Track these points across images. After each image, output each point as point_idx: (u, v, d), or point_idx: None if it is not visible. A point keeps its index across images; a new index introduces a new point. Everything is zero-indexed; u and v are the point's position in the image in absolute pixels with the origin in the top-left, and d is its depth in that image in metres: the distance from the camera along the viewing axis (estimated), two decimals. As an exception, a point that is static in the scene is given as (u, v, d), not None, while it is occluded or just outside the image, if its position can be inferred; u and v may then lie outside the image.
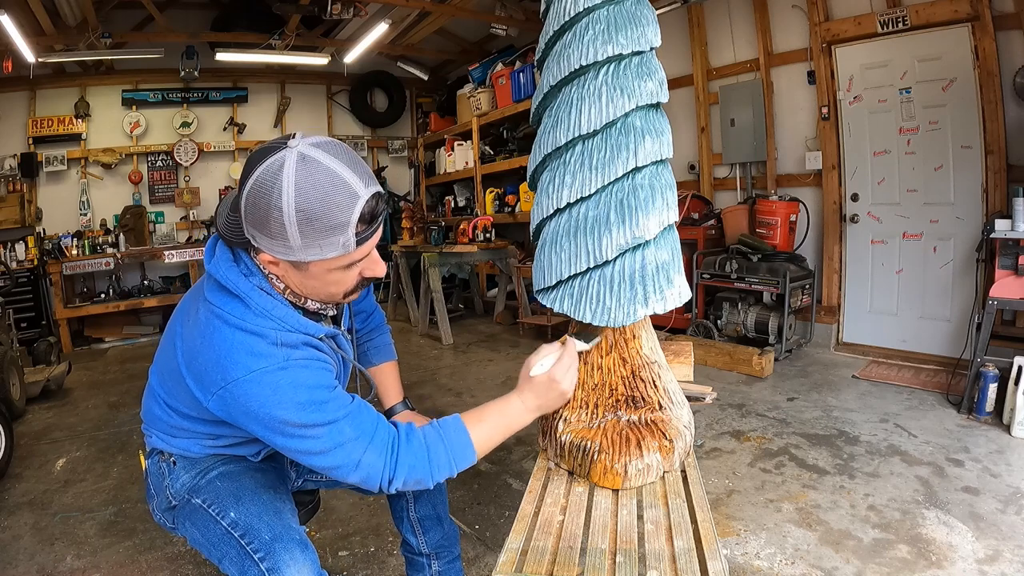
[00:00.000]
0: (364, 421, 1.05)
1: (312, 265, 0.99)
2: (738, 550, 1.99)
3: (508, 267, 5.59)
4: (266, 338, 1.01)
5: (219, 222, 1.06)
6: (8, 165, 5.89)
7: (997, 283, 3.00)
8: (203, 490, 1.19)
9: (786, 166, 4.60)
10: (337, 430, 1.01)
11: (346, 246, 0.95)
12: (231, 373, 0.98)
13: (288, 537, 1.09)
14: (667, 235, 1.42)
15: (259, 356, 0.99)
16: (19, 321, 4.85)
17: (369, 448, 1.03)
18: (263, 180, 0.91)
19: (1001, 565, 1.82)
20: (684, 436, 1.42)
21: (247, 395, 0.98)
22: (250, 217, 0.94)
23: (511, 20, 5.74)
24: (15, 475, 2.84)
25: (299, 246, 0.93)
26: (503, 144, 6.16)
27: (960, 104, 3.63)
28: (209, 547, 1.14)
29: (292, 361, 1.01)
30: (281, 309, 1.04)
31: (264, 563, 1.05)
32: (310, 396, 0.99)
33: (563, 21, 1.44)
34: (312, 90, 7.41)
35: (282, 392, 0.98)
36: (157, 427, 1.25)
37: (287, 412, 0.98)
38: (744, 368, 3.84)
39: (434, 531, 1.52)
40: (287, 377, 0.99)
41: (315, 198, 0.90)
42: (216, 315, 1.02)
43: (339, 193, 0.91)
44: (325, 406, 1.01)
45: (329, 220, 0.91)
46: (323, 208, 0.90)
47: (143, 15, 5.78)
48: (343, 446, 1.01)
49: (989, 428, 2.83)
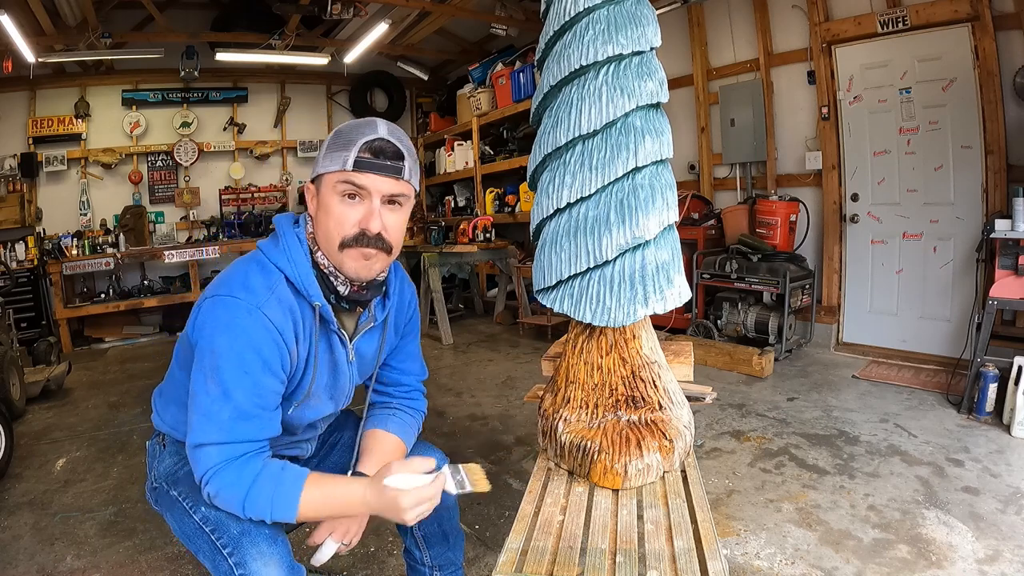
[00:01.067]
0: (244, 429, 1.04)
1: (323, 184, 1.11)
2: (738, 550, 1.99)
3: (508, 267, 5.59)
4: (267, 277, 1.10)
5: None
6: (8, 165, 5.88)
7: (997, 283, 3.00)
8: (181, 482, 1.20)
9: (786, 166, 4.60)
10: (220, 404, 1.02)
11: (346, 162, 1.07)
12: (217, 288, 1.09)
13: (256, 532, 1.08)
14: (667, 235, 1.42)
15: (246, 289, 1.07)
16: (19, 321, 4.84)
17: (219, 447, 1.03)
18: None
19: (1001, 565, 1.82)
20: (684, 436, 1.42)
21: (211, 310, 1.06)
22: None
23: (511, 20, 5.73)
24: (15, 475, 2.84)
25: (320, 157, 1.11)
26: (503, 144, 6.16)
27: (960, 104, 3.63)
28: (186, 539, 1.17)
29: (260, 312, 1.06)
30: (299, 254, 1.13)
31: (232, 558, 1.06)
32: (243, 350, 1.04)
33: (563, 21, 1.44)
34: (312, 90, 7.41)
35: (232, 327, 1.04)
36: (160, 391, 1.31)
37: (220, 343, 1.03)
38: (744, 368, 3.84)
39: (439, 546, 1.50)
40: (246, 320, 1.05)
41: (349, 125, 1.12)
42: (253, 251, 1.16)
43: (364, 124, 1.11)
44: (243, 375, 1.04)
45: (344, 137, 1.09)
46: (348, 128, 1.11)
47: (143, 15, 5.78)
48: (208, 420, 1.03)
49: (989, 428, 2.83)
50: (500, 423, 3.23)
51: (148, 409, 1.38)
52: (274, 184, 7.17)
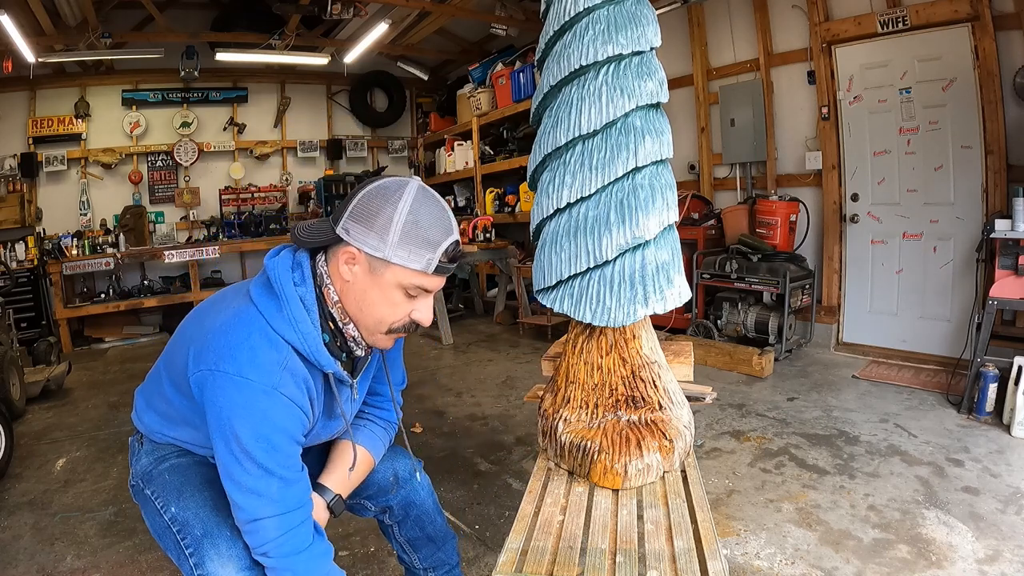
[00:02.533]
0: (293, 495, 1.06)
1: (389, 271, 1.05)
2: (738, 550, 1.99)
3: (508, 267, 5.59)
4: (277, 352, 1.04)
5: (296, 231, 1.11)
6: (8, 165, 5.88)
7: (997, 283, 3.00)
8: (154, 480, 1.22)
9: (786, 166, 4.60)
10: (266, 481, 1.02)
11: (429, 264, 1.04)
12: (224, 364, 1.01)
13: (217, 533, 1.10)
14: (667, 235, 1.42)
15: (257, 367, 1.02)
16: (19, 321, 4.84)
17: (276, 519, 1.04)
18: (386, 186, 1.05)
19: (1001, 565, 1.82)
20: (684, 436, 1.42)
21: (223, 391, 1.01)
22: (356, 212, 1.04)
23: (511, 20, 5.73)
24: (15, 475, 2.84)
25: (395, 243, 1.03)
26: (503, 144, 6.16)
27: (960, 104, 3.63)
28: (157, 536, 1.19)
29: (278, 392, 1.03)
30: (308, 326, 1.07)
31: (192, 558, 1.09)
32: (270, 432, 1.02)
33: (563, 21, 1.44)
34: (312, 90, 7.41)
35: (252, 411, 1.01)
36: (143, 393, 1.30)
37: (242, 429, 1.00)
38: (744, 368, 3.84)
39: (425, 549, 1.51)
40: (264, 402, 1.01)
41: (425, 213, 1.04)
42: (249, 309, 1.07)
43: (442, 221, 1.06)
44: (274, 452, 1.03)
45: (428, 234, 1.04)
46: (428, 222, 1.04)
47: (143, 15, 5.78)
48: (259, 496, 1.02)
49: (989, 428, 2.83)
50: (500, 423, 3.23)
51: (148, 410, 1.38)
52: (274, 184, 7.17)
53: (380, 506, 1.45)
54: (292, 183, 7.28)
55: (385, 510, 1.46)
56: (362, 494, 1.41)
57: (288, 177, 7.28)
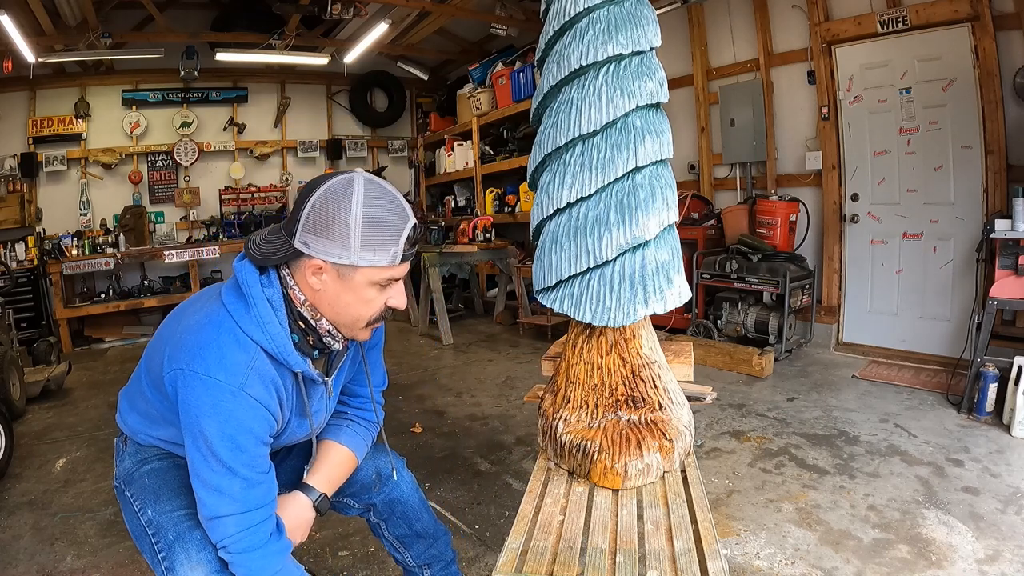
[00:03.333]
0: (255, 495, 1.08)
1: (359, 273, 1.07)
2: (738, 550, 1.99)
3: (508, 267, 5.59)
4: (245, 353, 1.06)
5: (251, 247, 1.12)
6: (8, 165, 5.88)
7: (997, 283, 3.00)
8: (134, 483, 1.23)
9: (786, 166, 4.60)
10: (229, 479, 1.04)
11: (395, 257, 1.07)
12: (194, 364, 1.04)
13: (189, 538, 1.12)
14: (667, 235, 1.42)
15: (224, 367, 1.04)
16: (19, 321, 4.84)
17: (237, 517, 1.06)
18: (333, 190, 1.05)
19: (1001, 565, 1.82)
20: (684, 436, 1.42)
21: (192, 390, 1.03)
22: (311, 224, 1.04)
23: (511, 20, 5.73)
24: (15, 475, 2.84)
25: (357, 248, 1.04)
26: (503, 144, 6.16)
27: (960, 104, 3.63)
28: (134, 538, 1.22)
29: (244, 393, 1.05)
30: (276, 327, 1.09)
31: (164, 562, 1.12)
32: (235, 433, 1.04)
33: (563, 21, 1.44)
34: (312, 90, 7.41)
35: (218, 411, 1.03)
36: (127, 395, 1.31)
37: (209, 428, 1.03)
38: (744, 368, 3.84)
39: (416, 546, 1.52)
40: (231, 403, 1.04)
41: (378, 210, 1.05)
42: (219, 311, 1.09)
43: (396, 211, 1.07)
44: (239, 452, 1.05)
45: (387, 229, 1.06)
46: (384, 218, 1.05)
47: (143, 15, 5.78)
48: (221, 494, 1.04)
49: (989, 428, 2.83)
50: (500, 423, 3.23)
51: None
52: (274, 184, 7.17)
53: (364, 503, 1.47)
54: (292, 183, 7.27)
55: (369, 507, 1.48)
56: (345, 492, 1.43)
57: (288, 177, 7.28)
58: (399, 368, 4.41)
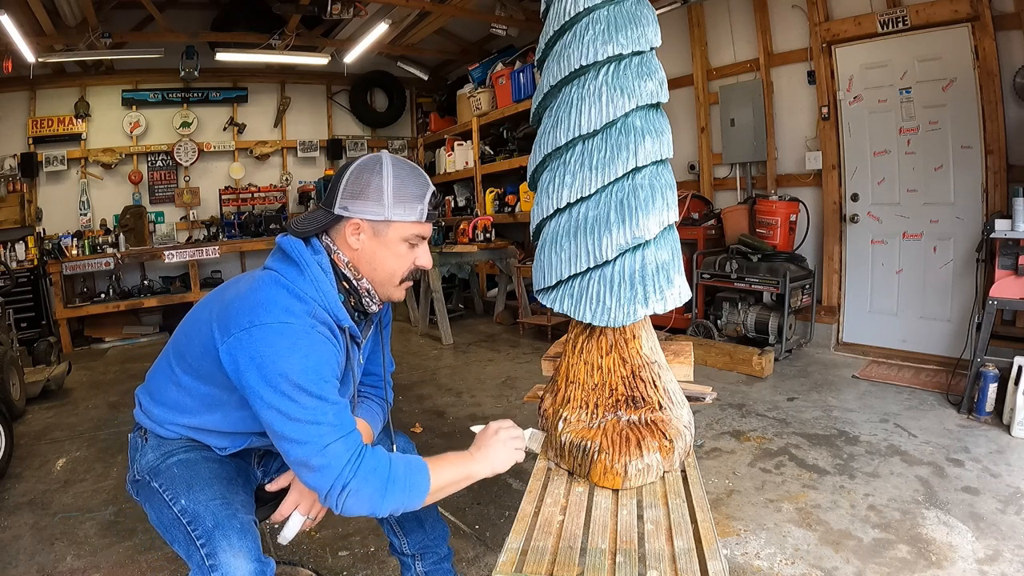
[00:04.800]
0: (346, 418, 1.11)
1: (392, 229, 1.21)
2: (738, 550, 1.99)
3: (508, 267, 5.59)
4: (305, 304, 1.13)
5: (292, 225, 1.23)
6: (8, 165, 5.88)
7: (997, 283, 3.00)
8: (162, 474, 1.24)
9: (786, 166, 4.60)
10: (322, 409, 1.06)
11: (422, 213, 1.22)
12: (261, 317, 1.08)
13: (228, 525, 1.14)
14: (667, 235, 1.42)
15: (291, 313, 1.10)
16: (19, 321, 4.84)
17: (341, 441, 1.07)
18: (365, 163, 1.22)
19: (1001, 565, 1.82)
20: (684, 436, 1.42)
21: (265, 339, 1.07)
22: (349, 190, 1.19)
23: (511, 20, 5.73)
24: (15, 475, 2.84)
25: (390, 204, 1.19)
26: (503, 144, 6.16)
27: (960, 104, 3.63)
28: (163, 529, 1.22)
29: (316, 332, 1.11)
30: (327, 285, 1.18)
31: (204, 548, 1.12)
32: (317, 365, 1.08)
33: (563, 21, 1.44)
34: (312, 90, 7.41)
35: (297, 349, 1.07)
36: (147, 390, 1.34)
37: (291, 366, 1.05)
38: (744, 368, 3.84)
39: (415, 533, 1.53)
40: (307, 340, 1.09)
41: (405, 173, 1.22)
42: (271, 274, 1.17)
43: (420, 177, 1.24)
44: (324, 383, 1.08)
45: (414, 188, 1.22)
46: (411, 179, 1.22)
47: (143, 15, 5.78)
48: (319, 425, 1.05)
49: (989, 428, 2.83)
50: (500, 423, 3.23)
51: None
52: (274, 184, 7.17)
53: None
54: (292, 183, 7.28)
55: None
56: None
57: (288, 177, 7.28)
58: (399, 368, 4.40)
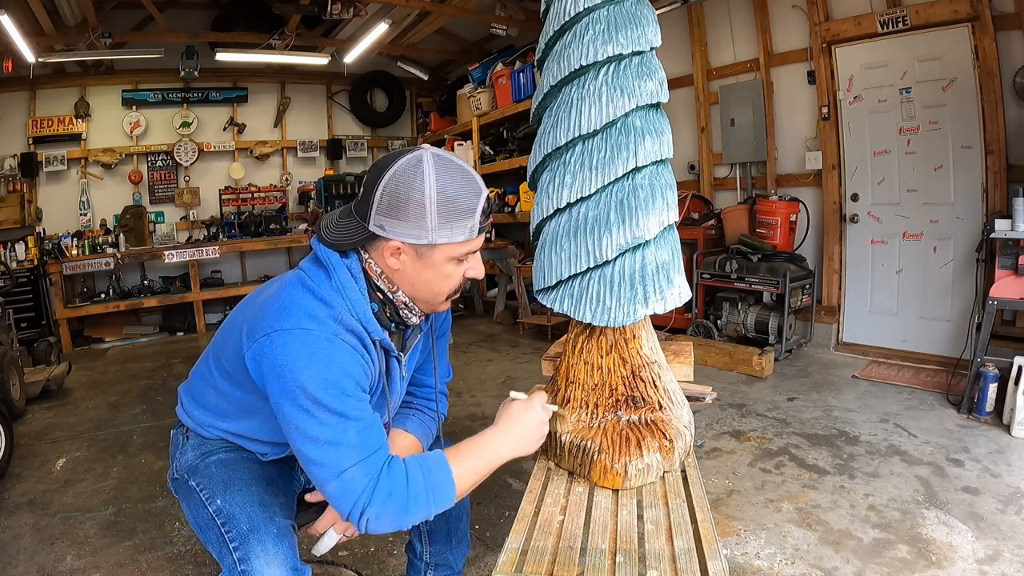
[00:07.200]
0: (372, 437, 1.01)
1: (437, 251, 1.07)
2: (738, 550, 1.99)
3: (508, 267, 5.59)
4: (331, 308, 1.05)
5: (323, 232, 1.11)
6: (8, 165, 5.88)
7: (997, 283, 3.00)
8: (200, 473, 1.22)
9: (786, 166, 4.60)
10: (342, 428, 0.98)
11: (471, 231, 1.06)
12: (282, 322, 1.02)
13: (264, 530, 1.09)
14: (667, 235, 1.42)
15: (314, 319, 1.02)
16: (19, 321, 4.84)
17: (361, 464, 0.98)
18: (403, 172, 1.03)
19: (1001, 565, 1.82)
20: (684, 436, 1.42)
21: (284, 346, 1.00)
22: (385, 206, 1.03)
23: (511, 20, 5.73)
24: (15, 475, 2.84)
25: (435, 227, 1.03)
26: (503, 144, 6.16)
27: (960, 104, 3.63)
28: (198, 528, 1.19)
29: (339, 340, 1.02)
30: (356, 293, 1.08)
31: (237, 552, 1.08)
32: (338, 378, 0.99)
33: (563, 21, 1.44)
34: (312, 90, 7.41)
35: (316, 359, 0.99)
36: (188, 389, 1.30)
37: (309, 379, 0.97)
38: (744, 368, 3.84)
39: (440, 544, 1.51)
40: (328, 349, 1.00)
41: (452, 186, 1.03)
42: (298, 274, 1.10)
43: (470, 184, 1.06)
44: (346, 398, 0.99)
45: (462, 204, 1.04)
46: (459, 190, 1.04)
47: (143, 15, 5.78)
48: (338, 446, 0.97)
49: (989, 428, 2.83)
50: (500, 423, 3.23)
51: (148, 409, 1.39)
52: (274, 184, 7.17)
53: None
54: (292, 183, 7.28)
55: None
56: None
57: (288, 177, 7.28)
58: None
